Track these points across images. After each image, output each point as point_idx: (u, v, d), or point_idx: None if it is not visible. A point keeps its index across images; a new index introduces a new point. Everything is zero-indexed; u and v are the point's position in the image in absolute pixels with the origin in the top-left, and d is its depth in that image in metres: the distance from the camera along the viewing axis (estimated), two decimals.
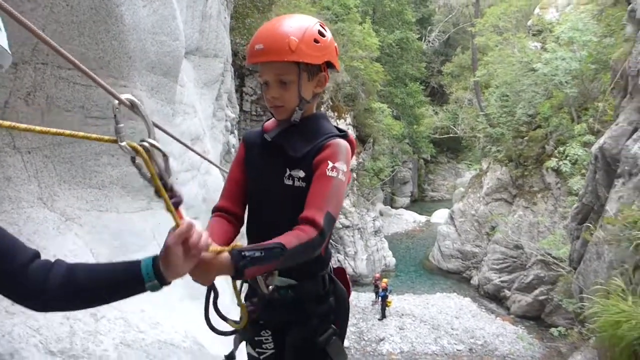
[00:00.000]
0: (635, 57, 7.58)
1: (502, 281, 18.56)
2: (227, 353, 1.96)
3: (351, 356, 15.15)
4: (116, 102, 1.24)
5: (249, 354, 2.06)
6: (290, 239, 1.51)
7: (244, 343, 2.08)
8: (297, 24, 1.71)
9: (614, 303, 5.15)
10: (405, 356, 15.17)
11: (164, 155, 1.25)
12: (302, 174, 1.73)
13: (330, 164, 1.68)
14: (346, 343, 15.43)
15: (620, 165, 7.37)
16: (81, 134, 1.17)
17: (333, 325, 1.94)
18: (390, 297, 17.63)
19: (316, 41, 1.71)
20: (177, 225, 1.28)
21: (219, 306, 1.77)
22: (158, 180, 1.21)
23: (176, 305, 3.99)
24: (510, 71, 20.39)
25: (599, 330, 5.32)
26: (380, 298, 17.42)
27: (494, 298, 18.83)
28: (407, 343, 15.73)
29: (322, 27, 1.77)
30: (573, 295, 9.78)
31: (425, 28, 37.51)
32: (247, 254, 1.40)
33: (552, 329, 14.35)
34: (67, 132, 1.15)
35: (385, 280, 17.98)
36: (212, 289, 1.75)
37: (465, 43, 34.76)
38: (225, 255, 1.40)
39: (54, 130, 1.13)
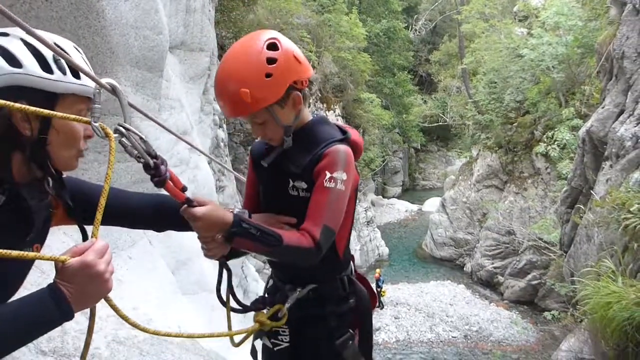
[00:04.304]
0: (620, 40, 7.62)
1: (495, 267, 18.71)
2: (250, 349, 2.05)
3: None
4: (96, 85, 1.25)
5: (263, 345, 2.06)
6: (291, 236, 1.55)
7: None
8: (243, 64, 1.60)
9: (605, 285, 5.20)
10: (401, 345, 15.28)
11: (141, 138, 1.27)
12: (304, 185, 1.73)
13: (328, 175, 1.65)
14: None
15: (608, 147, 7.42)
16: (59, 114, 1.15)
17: (350, 330, 1.94)
18: (385, 287, 17.71)
19: (268, 75, 1.58)
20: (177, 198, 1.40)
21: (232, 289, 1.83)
22: (113, 161, 1.21)
23: (169, 301, 3.97)
24: (497, 58, 20.44)
25: (590, 312, 5.37)
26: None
27: (488, 284, 18.99)
28: (403, 332, 15.84)
29: (273, 47, 1.62)
30: (565, 279, 9.88)
31: (411, 17, 37.49)
32: (245, 225, 1.46)
33: (546, 313, 14.50)
34: (47, 112, 1.13)
35: (378, 270, 18.07)
36: (224, 266, 1.79)
37: (452, 31, 34.74)
38: (228, 215, 1.45)
39: (32, 108, 1.10)
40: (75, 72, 1.22)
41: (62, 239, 3.29)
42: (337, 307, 1.92)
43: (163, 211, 1.58)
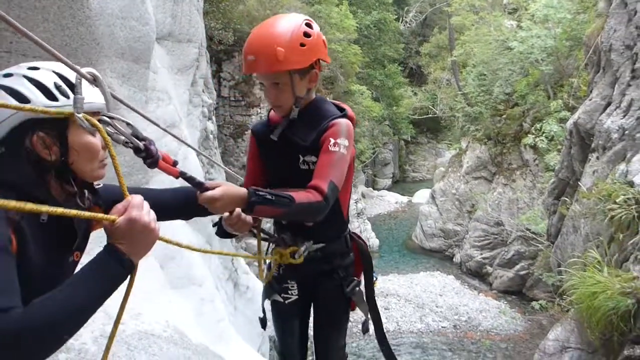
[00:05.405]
0: (608, 32, 7.66)
1: (483, 258, 18.85)
2: (260, 316, 2.35)
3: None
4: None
5: (274, 301, 2.33)
6: (300, 196, 1.73)
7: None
8: (283, 29, 1.82)
9: (590, 275, 5.26)
10: (391, 335, 15.36)
11: (128, 124, 1.35)
12: (314, 158, 1.94)
13: (332, 140, 1.89)
14: None
15: (594, 139, 7.49)
16: (40, 108, 1.19)
17: (355, 278, 2.32)
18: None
19: (302, 44, 1.83)
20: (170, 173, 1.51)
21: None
22: (112, 149, 1.28)
23: (157, 296, 3.95)
24: (486, 50, 20.47)
25: (576, 302, 5.44)
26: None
27: (477, 274, 19.13)
28: (393, 322, 15.93)
29: (309, 26, 1.89)
30: (552, 269, 9.99)
31: (402, 9, 37.35)
32: (260, 192, 1.63)
33: (534, 303, 14.65)
34: (27, 106, 1.18)
35: None
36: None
37: (442, 23, 34.72)
38: (242, 190, 1.62)
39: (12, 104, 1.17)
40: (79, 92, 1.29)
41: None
42: (342, 261, 2.25)
43: (193, 200, 1.68)
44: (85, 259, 1.25)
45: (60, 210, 1.11)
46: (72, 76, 1.30)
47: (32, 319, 1.02)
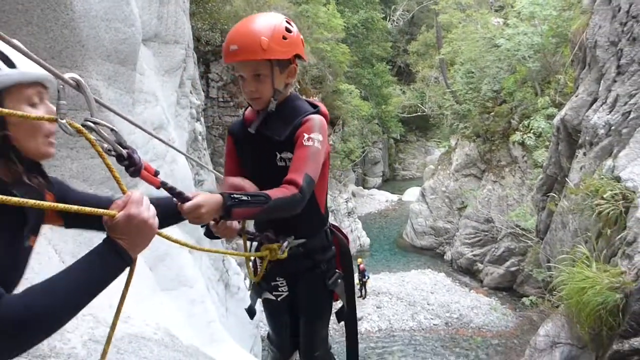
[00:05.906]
0: (592, 29, 7.71)
1: (474, 255, 18.96)
2: (246, 307, 2.42)
3: (331, 337, 15.28)
4: (60, 81, 1.23)
5: (266, 299, 2.40)
6: (275, 192, 1.75)
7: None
8: (266, 23, 1.91)
9: (579, 270, 5.27)
10: (384, 334, 15.43)
11: (112, 130, 1.29)
12: (290, 155, 1.97)
13: (306, 136, 1.93)
14: None
15: (581, 135, 7.53)
16: (19, 112, 1.15)
17: (337, 270, 2.37)
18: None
19: (284, 37, 1.91)
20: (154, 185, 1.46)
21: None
22: (106, 156, 1.27)
23: (147, 298, 3.92)
24: (474, 48, 20.59)
25: (566, 297, 5.45)
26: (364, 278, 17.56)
27: (467, 272, 19.25)
28: (385, 321, 15.98)
29: (289, 23, 1.97)
30: (542, 265, 10.05)
31: (389, 7, 37.46)
32: (235, 195, 1.63)
33: (524, 299, 14.77)
34: (5, 110, 1.13)
35: (360, 260, 18.14)
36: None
37: (429, 21, 34.86)
38: (218, 196, 1.60)
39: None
40: (10, 62, 1.20)
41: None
42: (323, 255, 2.29)
43: (170, 207, 1.63)
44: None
45: (64, 206, 1.12)
46: (4, 48, 1.22)
47: (31, 307, 1.04)
